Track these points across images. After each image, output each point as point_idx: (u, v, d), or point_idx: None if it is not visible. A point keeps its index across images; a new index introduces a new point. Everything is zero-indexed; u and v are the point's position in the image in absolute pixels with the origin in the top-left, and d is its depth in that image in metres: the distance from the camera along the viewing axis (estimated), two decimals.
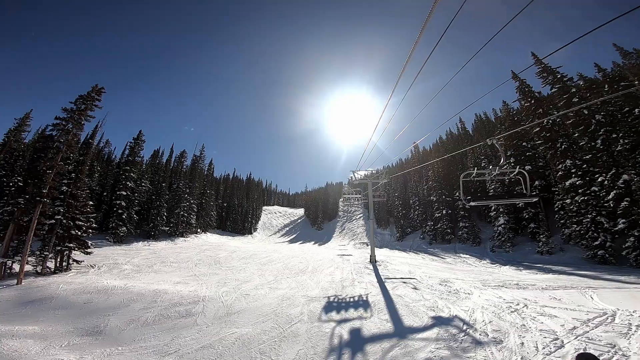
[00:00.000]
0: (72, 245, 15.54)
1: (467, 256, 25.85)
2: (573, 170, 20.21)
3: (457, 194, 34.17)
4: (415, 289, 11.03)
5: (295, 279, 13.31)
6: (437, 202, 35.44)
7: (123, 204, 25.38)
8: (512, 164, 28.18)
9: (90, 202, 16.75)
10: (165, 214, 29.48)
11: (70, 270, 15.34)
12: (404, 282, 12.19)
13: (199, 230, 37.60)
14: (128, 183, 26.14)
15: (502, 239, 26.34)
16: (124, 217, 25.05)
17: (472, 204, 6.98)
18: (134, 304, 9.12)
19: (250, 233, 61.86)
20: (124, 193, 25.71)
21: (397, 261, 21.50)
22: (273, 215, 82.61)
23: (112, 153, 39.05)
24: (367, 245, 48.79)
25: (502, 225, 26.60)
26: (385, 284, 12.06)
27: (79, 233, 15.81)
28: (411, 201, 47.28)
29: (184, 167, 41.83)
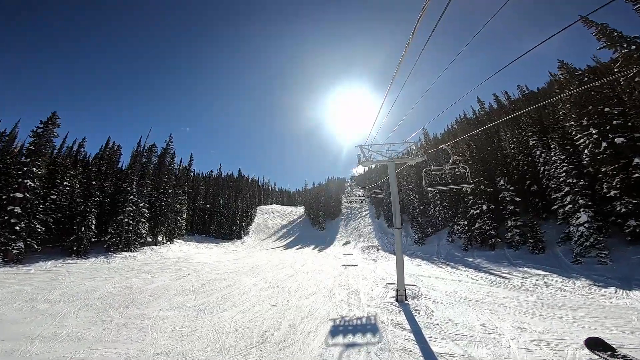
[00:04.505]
0: None
1: (539, 271, 17.12)
2: None
3: (501, 181, 25.43)
4: None
5: None
6: (472, 195, 26.62)
7: (18, 210, 17.14)
8: (594, 135, 19.56)
9: None
10: (94, 222, 21.12)
11: None
12: None
13: (159, 240, 29.20)
14: (27, 182, 17.81)
15: (587, 243, 17.63)
16: (17, 228, 16.82)
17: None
18: None
19: (240, 237, 53.44)
20: (21, 195, 17.42)
21: (439, 292, 12.88)
22: (269, 216, 74.40)
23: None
24: (378, 249, 40.27)
25: (586, 225, 17.87)
26: None
27: None
28: (430, 194, 38.54)
29: (152, 164, 33.83)
